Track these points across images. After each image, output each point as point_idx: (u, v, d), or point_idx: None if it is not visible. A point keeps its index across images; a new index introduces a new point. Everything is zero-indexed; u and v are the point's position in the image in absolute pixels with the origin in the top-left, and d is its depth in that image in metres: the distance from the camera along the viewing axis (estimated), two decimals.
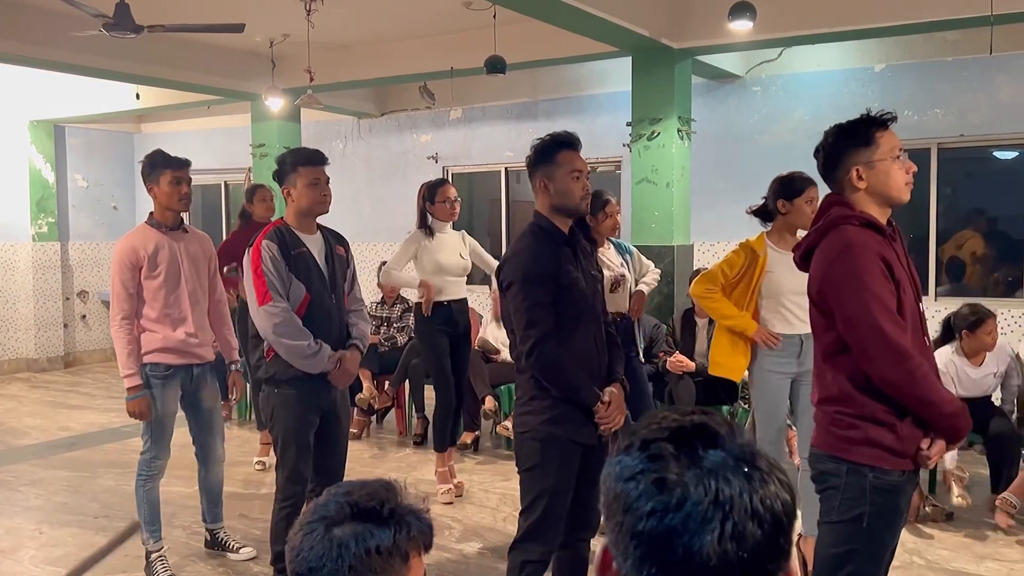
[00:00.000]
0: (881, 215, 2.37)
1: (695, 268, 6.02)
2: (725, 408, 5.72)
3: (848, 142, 2.37)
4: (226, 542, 4.35)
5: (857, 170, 2.35)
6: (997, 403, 4.66)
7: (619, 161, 8.29)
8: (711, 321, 5.63)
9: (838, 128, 2.41)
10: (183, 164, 3.98)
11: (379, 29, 7.46)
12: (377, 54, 7.91)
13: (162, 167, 3.93)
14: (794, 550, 3.99)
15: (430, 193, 5.09)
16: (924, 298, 7.24)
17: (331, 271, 3.55)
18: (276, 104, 7.76)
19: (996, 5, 5.26)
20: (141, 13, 5.42)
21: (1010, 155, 7.11)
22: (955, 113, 6.98)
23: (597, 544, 3.56)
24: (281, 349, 3.40)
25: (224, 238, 9.66)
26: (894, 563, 2.64)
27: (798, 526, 4.01)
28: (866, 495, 2.26)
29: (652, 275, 5.07)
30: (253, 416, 6.66)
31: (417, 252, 5.09)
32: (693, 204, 7.10)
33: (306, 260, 3.47)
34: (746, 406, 5.47)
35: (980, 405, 4.63)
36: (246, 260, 3.44)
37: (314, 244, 3.54)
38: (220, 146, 10.66)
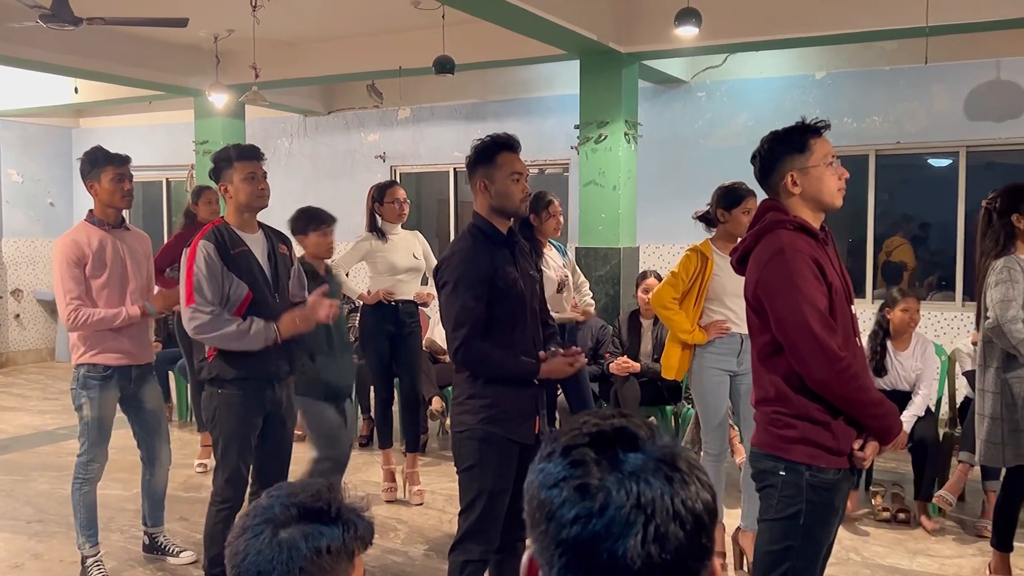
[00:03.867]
0: (815, 220, 2.43)
1: (641, 271, 6.09)
2: (669, 408, 5.79)
3: (783, 148, 2.43)
4: (166, 546, 4.27)
5: (792, 176, 2.41)
6: (922, 411, 4.79)
7: (567, 163, 8.35)
8: (656, 322, 5.71)
9: (774, 135, 2.47)
10: (125, 160, 3.90)
11: (326, 26, 7.40)
12: (324, 52, 7.84)
13: (103, 163, 3.84)
14: (730, 543, 4.09)
15: (379, 194, 5.07)
16: (861, 300, 7.44)
17: (274, 270, 3.51)
18: (220, 100, 7.63)
19: (931, 17, 5.43)
20: (80, 5, 5.29)
21: (944, 163, 7.34)
22: (892, 121, 7.18)
23: None
24: (215, 343, 3.34)
25: (166, 237, 9.48)
26: (832, 560, 2.71)
27: (736, 521, 4.09)
28: (803, 493, 2.32)
29: (587, 296, 5.22)
30: (194, 418, 6.54)
31: (368, 255, 5.06)
32: (639, 207, 7.18)
33: (247, 259, 3.42)
34: (690, 406, 5.55)
35: (901, 402, 4.77)
36: (182, 260, 3.39)
37: (256, 243, 3.49)
38: (162, 143, 10.45)
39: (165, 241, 7.00)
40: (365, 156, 9.54)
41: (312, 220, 4.15)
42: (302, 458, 5.94)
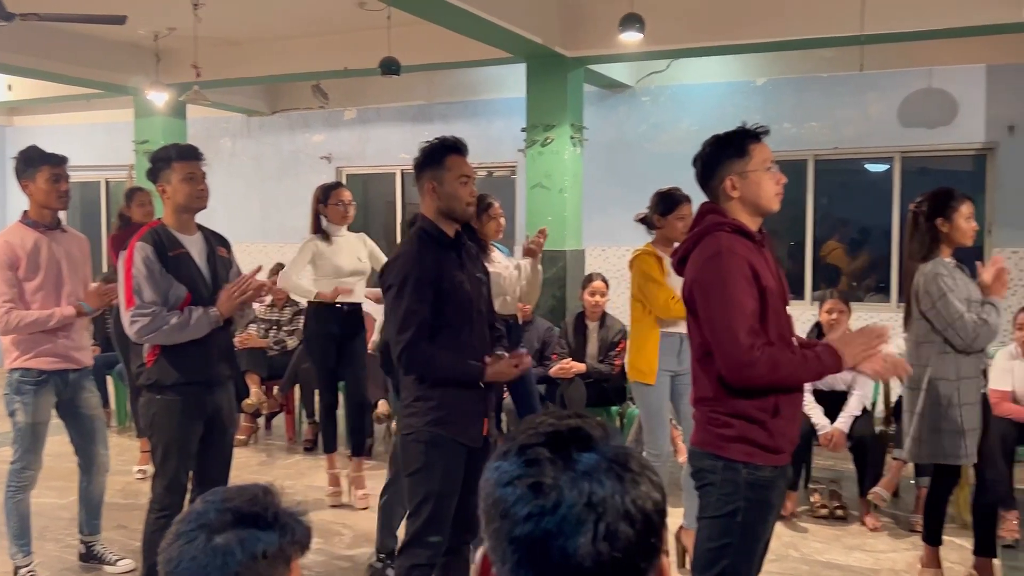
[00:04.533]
0: (752, 223, 2.49)
1: (587, 273, 6.14)
2: (614, 408, 5.85)
3: (723, 153, 2.48)
4: (103, 555, 4.17)
5: (731, 180, 2.46)
6: (859, 410, 4.91)
7: (514, 166, 8.37)
8: (602, 324, 5.77)
9: (715, 139, 2.52)
10: (61, 160, 3.81)
11: (270, 26, 7.31)
12: (268, 51, 7.75)
13: (39, 163, 3.75)
14: (673, 542, 4.15)
15: (324, 195, 5.03)
16: (800, 302, 7.58)
17: (213, 272, 3.45)
18: (159, 99, 7.49)
19: (866, 26, 5.58)
20: (14, 0, 5.15)
21: (880, 168, 7.55)
22: (830, 127, 7.36)
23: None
24: (160, 341, 3.28)
25: (104, 238, 9.26)
26: (771, 557, 2.77)
27: (678, 519, 4.15)
28: (740, 490, 2.37)
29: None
30: (133, 423, 6.41)
31: (314, 256, 5.01)
32: (585, 209, 7.24)
33: (186, 261, 3.36)
34: (634, 406, 5.61)
35: (838, 403, 4.89)
36: (120, 263, 3.31)
37: (194, 245, 3.43)
38: (100, 142, 10.21)
39: (104, 243, 6.85)
40: (310, 157, 9.45)
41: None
42: (244, 464, 5.88)
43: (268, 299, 6.76)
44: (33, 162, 3.76)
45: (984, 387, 3.76)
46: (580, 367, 5.66)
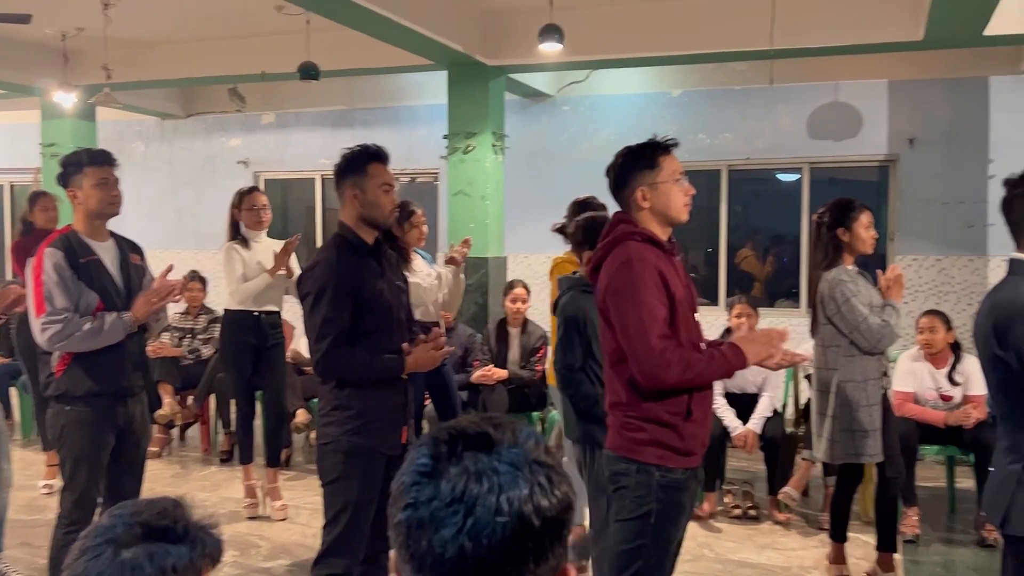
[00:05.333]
0: (662, 232, 2.57)
1: (508, 280, 6.18)
2: (536, 414, 5.90)
3: (634, 164, 2.55)
4: (6, 573, 4.00)
5: (642, 191, 2.53)
6: (770, 412, 5.08)
7: (437, 172, 8.37)
8: (523, 330, 5.81)
9: (626, 151, 2.59)
10: None
11: (185, 27, 7.15)
12: (183, 53, 7.57)
13: None
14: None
15: (239, 200, 4.95)
16: (715, 308, 7.76)
17: (126, 280, 3.36)
18: (67, 101, 7.24)
19: (775, 41, 5.79)
20: None
21: (791, 177, 7.81)
22: (742, 138, 7.59)
23: None
24: (74, 348, 3.17)
25: (7, 245, 8.89)
26: (686, 557, 2.86)
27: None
28: (653, 493, 2.43)
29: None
30: (38, 435, 6.16)
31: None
32: (507, 217, 7.29)
33: (97, 268, 3.26)
34: (555, 411, 5.67)
35: (749, 405, 5.05)
36: (28, 270, 3.20)
37: (106, 252, 3.33)
38: (4, 144, 9.81)
39: (7, 249, 6.57)
40: (226, 161, 9.26)
41: None
42: (157, 476, 5.72)
43: (183, 305, 6.59)
44: None
45: (885, 388, 3.93)
46: (502, 373, 5.69)
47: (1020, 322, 2.23)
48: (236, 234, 4.92)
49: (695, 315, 2.58)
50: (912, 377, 4.93)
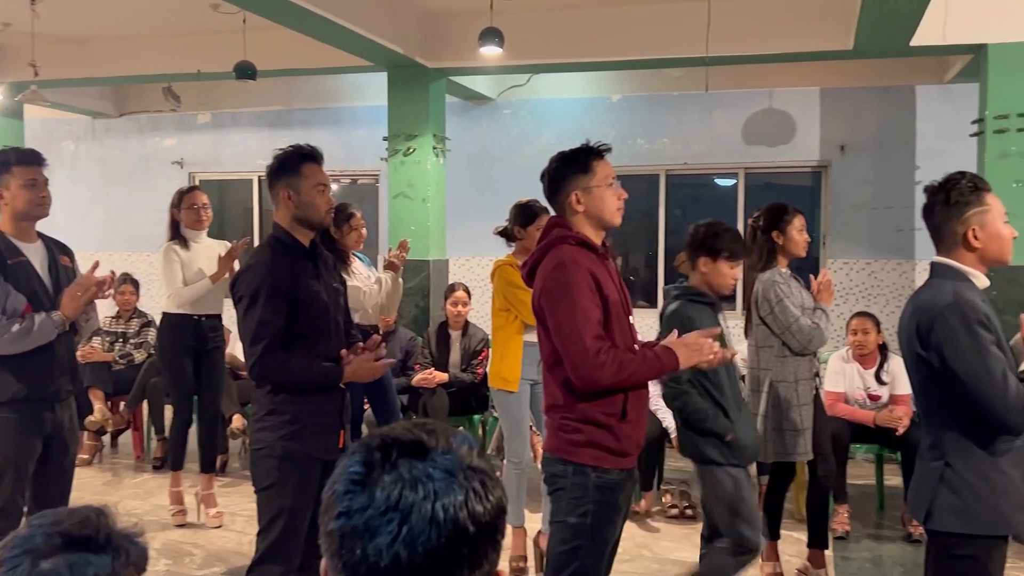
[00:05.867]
0: (596, 236, 2.60)
1: (450, 283, 6.17)
2: (477, 417, 5.90)
3: (568, 169, 2.58)
4: None
5: (576, 195, 2.56)
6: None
7: (377, 174, 8.32)
8: (464, 333, 5.81)
9: (560, 156, 2.62)
10: None
11: (118, 24, 6.98)
12: (116, 51, 7.38)
13: None
14: (531, 546, 4.23)
15: (178, 199, 4.85)
16: (653, 310, 7.82)
17: (55, 282, 3.27)
18: None
19: (710, 48, 5.89)
20: None
21: (727, 182, 7.96)
22: (680, 143, 7.70)
23: None
24: (3, 350, 3.08)
25: None
26: (625, 557, 2.89)
27: (538, 524, 4.23)
28: (589, 494, 2.45)
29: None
30: None
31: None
32: (449, 220, 7.28)
33: (25, 270, 3.18)
34: (496, 414, 5.67)
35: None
36: None
37: (34, 253, 3.25)
38: None
39: None
40: (161, 162, 9.05)
41: None
42: (87, 484, 5.56)
43: (114, 308, 6.42)
44: None
45: (816, 388, 4.03)
46: (443, 377, 5.68)
47: (941, 322, 2.31)
48: (176, 234, 4.81)
49: (629, 318, 2.61)
50: (842, 377, 5.07)
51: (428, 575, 0.89)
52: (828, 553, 4.23)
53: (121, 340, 6.41)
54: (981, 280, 2.43)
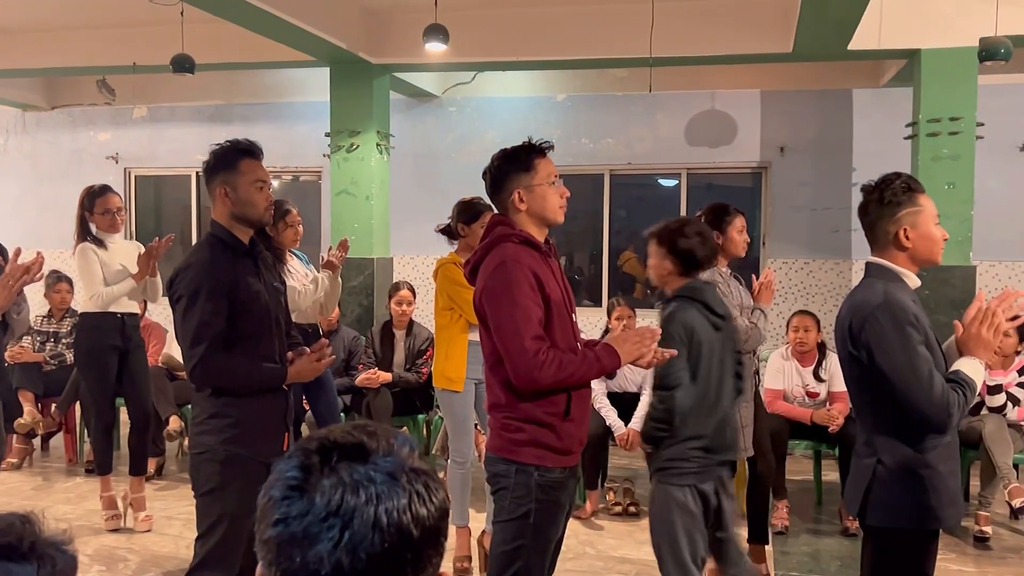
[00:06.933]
0: (539, 234, 2.59)
1: (394, 281, 6.12)
2: (421, 417, 5.86)
3: (510, 167, 2.57)
4: None
5: (518, 193, 2.55)
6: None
7: (320, 171, 8.21)
8: (408, 332, 5.76)
9: (502, 154, 2.61)
10: None
11: (49, 14, 6.76)
12: (47, 42, 7.15)
13: None
14: (476, 546, 4.21)
15: (89, 202, 4.62)
16: (598, 309, 7.87)
17: None
18: None
19: (654, 49, 5.95)
20: None
21: (671, 183, 8.04)
22: (624, 143, 7.76)
23: None
24: None
25: None
26: (568, 555, 2.89)
27: (482, 524, 4.21)
28: (532, 492, 2.45)
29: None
30: None
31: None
32: (393, 218, 7.22)
33: None
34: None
35: (630, 404, 5.17)
36: None
37: None
38: None
39: None
40: (94, 156, 8.80)
41: None
42: (16, 489, 5.38)
43: (46, 307, 6.22)
44: None
45: (756, 386, 4.09)
46: (386, 376, 5.62)
47: (871, 322, 2.35)
48: (86, 235, 4.64)
49: (572, 316, 2.61)
50: (781, 375, 5.16)
51: None
52: (768, 548, 4.30)
53: (52, 340, 6.21)
54: (912, 280, 2.48)
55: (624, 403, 5.17)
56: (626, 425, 5.06)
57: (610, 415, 5.09)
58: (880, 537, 2.44)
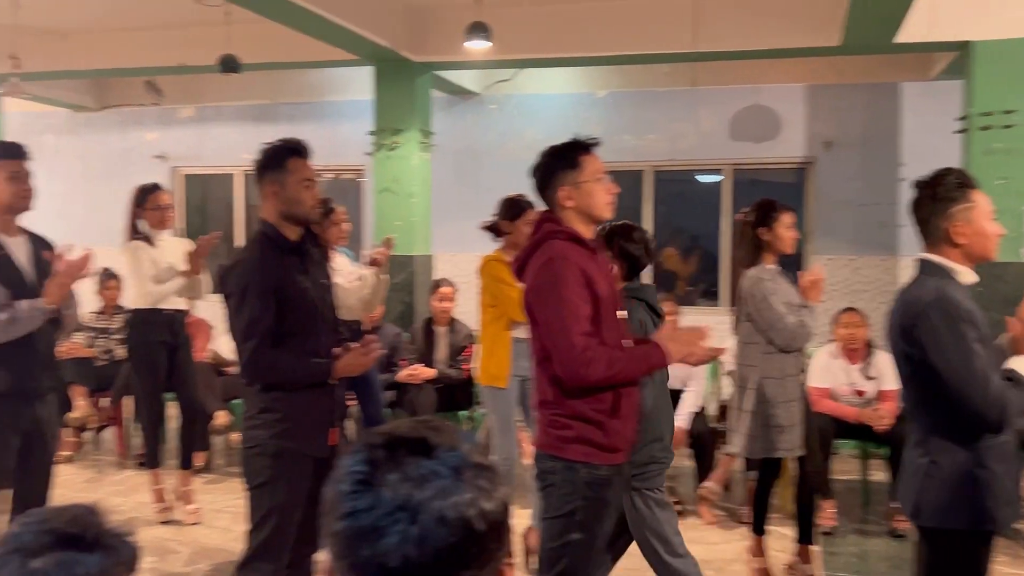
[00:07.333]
0: (587, 231, 2.59)
1: (435, 278, 6.15)
2: (463, 413, 5.88)
3: (557, 164, 2.57)
4: None
5: (565, 190, 2.55)
6: (695, 407, 5.18)
7: (362, 169, 8.27)
8: (450, 329, 5.79)
9: (549, 151, 2.61)
10: None
11: (100, 17, 6.90)
12: (97, 43, 7.30)
13: None
14: (520, 541, 4.22)
15: (140, 198, 4.72)
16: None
17: (39, 276, 3.24)
18: None
19: (698, 44, 5.90)
20: None
21: (712, 179, 7.97)
22: (666, 139, 7.70)
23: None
24: None
25: None
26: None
27: (526, 520, 4.22)
28: (579, 490, 2.45)
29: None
30: None
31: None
32: (434, 215, 7.25)
33: (7, 263, 3.15)
34: (484, 410, 5.66)
35: (673, 401, 5.13)
36: None
37: (18, 247, 3.22)
38: None
39: None
40: (142, 156, 8.96)
41: None
42: (69, 481, 5.51)
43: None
44: None
45: (804, 384, 4.04)
46: (429, 372, 5.66)
47: (924, 319, 2.32)
48: (136, 233, 4.72)
49: (619, 313, 2.60)
50: (828, 373, 5.09)
51: (437, 575, 0.87)
52: (815, 548, 4.25)
53: (103, 336, 6.34)
54: (966, 276, 2.44)
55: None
56: None
57: None
58: (934, 538, 2.40)
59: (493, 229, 4.20)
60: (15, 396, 3.14)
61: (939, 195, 2.43)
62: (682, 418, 5.03)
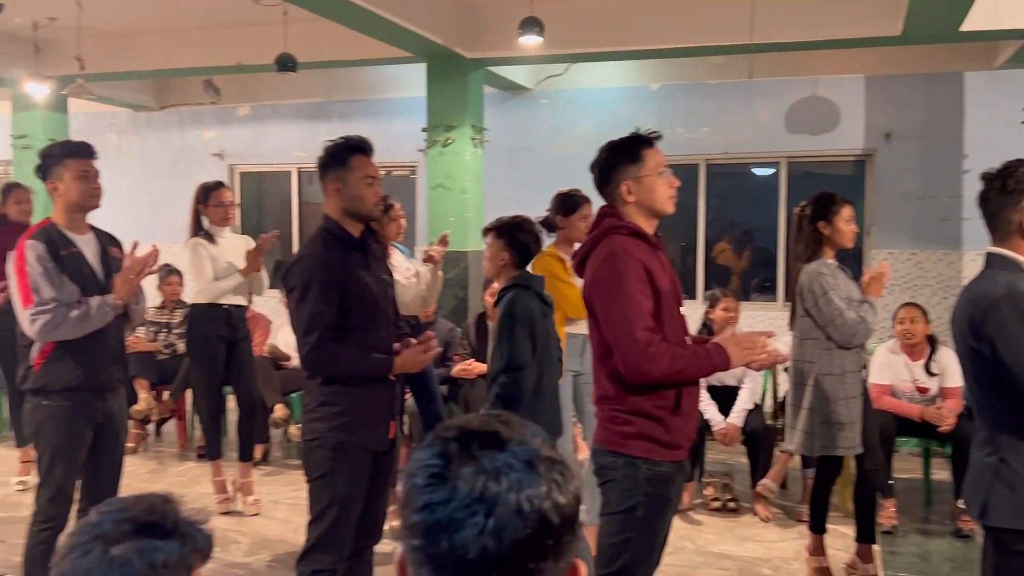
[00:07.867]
0: (648, 226, 2.57)
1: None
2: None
3: (618, 159, 2.55)
4: None
5: (626, 185, 2.54)
6: (751, 404, 5.11)
7: (415, 166, 8.33)
8: None
9: (609, 146, 2.59)
10: None
11: (159, 18, 7.06)
12: (157, 44, 7.47)
13: None
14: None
15: (204, 196, 4.82)
16: (692, 301, 7.81)
17: (107, 273, 3.33)
18: (39, 92, 7.12)
19: (755, 35, 5.81)
20: None
21: (767, 171, 7.86)
22: (720, 132, 7.61)
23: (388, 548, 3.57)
24: (64, 336, 3.13)
25: None
26: (668, 549, 2.86)
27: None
28: (640, 486, 2.43)
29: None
30: (12, 432, 6.07)
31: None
32: (487, 210, 7.25)
33: (78, 261, 3.23)
34: None
35: (729, 398, 5.08)
36: (9, 264, 3.15)
37: (86, 245, 3.30)
38: None
39: None
40: (201, 154, 9.16)
41: None
42: (133, 472, 5.66)
43: (159, 298, 6.50)
44: None
45: (865, 381, 3.96)
46: (482, 367, 5.67)
47: (993, 313, 2.26)
48: (199, 229, 4.84)
49: (680, 309, 2.58)
50: (889, 369, 4.98)
51: (514, 566, 0.88)
52: (876, 548, 4.17)
53: (165, 330, 6.50)
54: None
55: (722, 397, 5.09)
56: (725, 419, 4.98)
57: (709, 409, 5.02)
58: (1003, 539, 2.34)
59: (547, 224, 4.20)
60: (88, 390, 3.22)
61: (1009, 187, 2.36)
62: (736, 416, 4.97)
